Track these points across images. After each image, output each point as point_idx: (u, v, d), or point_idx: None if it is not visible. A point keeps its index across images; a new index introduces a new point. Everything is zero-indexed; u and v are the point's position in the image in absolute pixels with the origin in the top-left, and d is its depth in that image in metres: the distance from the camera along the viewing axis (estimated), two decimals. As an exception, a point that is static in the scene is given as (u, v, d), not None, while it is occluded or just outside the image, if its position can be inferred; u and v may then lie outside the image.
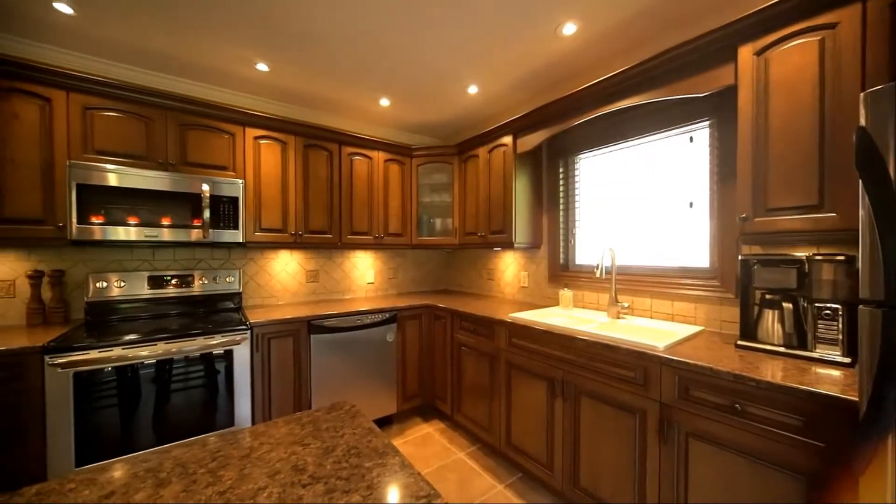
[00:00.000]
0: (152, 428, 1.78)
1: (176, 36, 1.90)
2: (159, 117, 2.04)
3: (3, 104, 1.69)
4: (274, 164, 2.40)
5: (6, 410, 1.51)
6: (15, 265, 1.96)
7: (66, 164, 1.79)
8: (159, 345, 1.78)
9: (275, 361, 2.16)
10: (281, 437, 0.77)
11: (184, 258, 2.41)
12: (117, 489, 0.60)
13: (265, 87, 2.47)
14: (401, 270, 3.42)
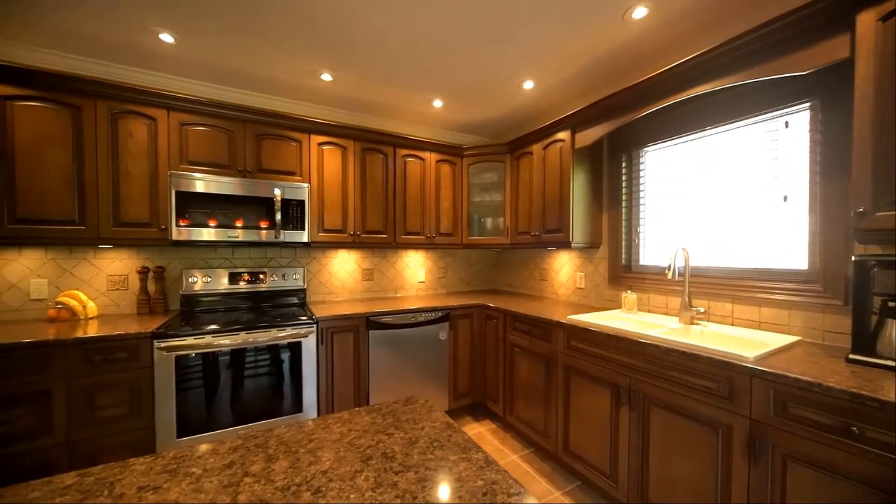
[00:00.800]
0: (234, 408, 1.97)
1: (256, 55, 2.09)
2: (239, 129, 2.25)
3: (121, 124, 1.97)
4: (335, 169, 2.55)
5: (126, 385, 1.76)
6: (128, 262, 2.28)
7: (168, 174, 2.05)
8: (241, 334, 1.97)
9: (337, 354, 2.29)
10: (366, 426, 0.81)
11: (257, 256, 2.64)
12: (236, 460, 0.67)
13: (328, 96, 2.62)
14: (450, 270, 3.45)
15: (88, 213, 1.93)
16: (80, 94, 1.89)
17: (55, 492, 0.59)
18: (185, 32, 1.87)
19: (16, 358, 1.58)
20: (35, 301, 2.09)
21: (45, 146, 1.84)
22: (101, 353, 1.72)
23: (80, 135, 1.90)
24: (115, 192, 1.98)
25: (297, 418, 2.13)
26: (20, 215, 1.80)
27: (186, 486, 0.60)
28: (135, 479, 0.62)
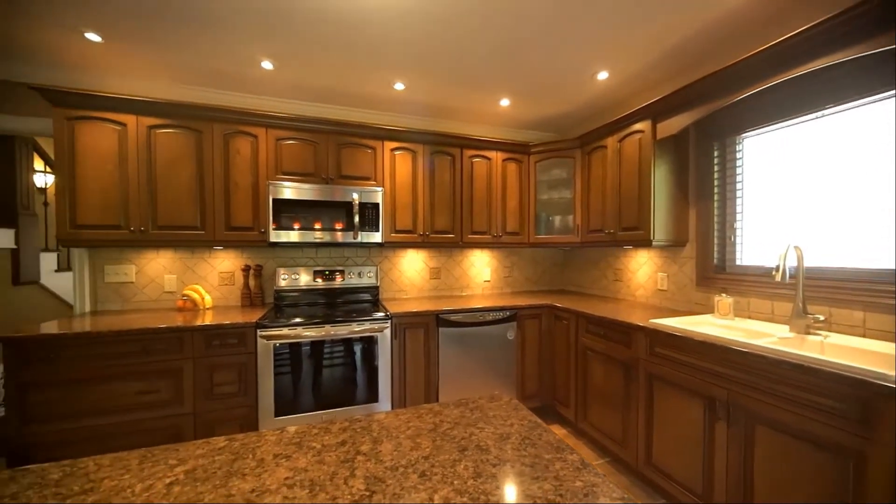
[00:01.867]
0: (319, 394, 2.18)
1: (342, 73, 2.28)
2: (323, 141, 2.48)
3: (231, 143, 2.30)
4: (406, 172, 2.67)
5: (236, 367, 2.04)
6: (234, 261, 2.64)
7: (266, 184, 2.33)
8: (325, 327, 2.17)
9: (409, 349, 2.40)
10: (456, 418, 0.85)
11: (336, 256, 2.88)
12: (347, 440, 0.75)
13: (401, 103, 2.76)
14: (516, 269, 3.41)
15: (207, 220, 2.28)
16: (201, 119, 2.24)
17: (214, 451, 0.71)
18: (282, 59, 2.12)
19: (160, 340, 1.93)
20: (167, 293, 2.52)
21: (176, 165, 2.21)
22: (218, 338, 2.02)
23: (200, 153, 2.25)
24: (226, 201, 2.30)
25: (373, 408, 2.28)
26: (161, 223, 2.20)
27: (311, 458, 0.69)
28: (270, 448, 0.73)
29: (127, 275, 2.44)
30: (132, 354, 1.88)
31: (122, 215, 2.14)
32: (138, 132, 2.14)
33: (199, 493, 0.59)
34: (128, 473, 0.64)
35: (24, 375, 1.75)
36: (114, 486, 0.61)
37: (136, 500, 0.57)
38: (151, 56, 2.12)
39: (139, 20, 1.79)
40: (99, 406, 1.84)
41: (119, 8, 1.70)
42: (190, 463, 0.67)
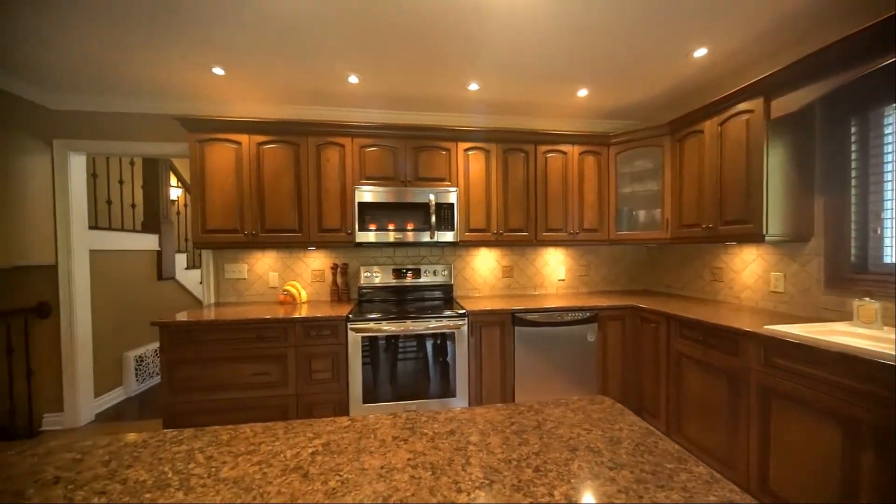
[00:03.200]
0: (400, 385, 2.30)
1: (421, 79, 2.39)
2: (401, 146, 2.61)
3: (322, 153, 2.54)
4: (479, 171, 2.70)
5: (330, 356, 2.26)
6: (324, 260, 2.92)
7: (352, 189, 2.54)
8: (406, 322, 2.29)
9: (485, 347, 2.42)
10: (559, 418, 0.84)
11: (413, 255, 3.02)
12: (455, 430, 0.79)
13: (474, 103, 2.79)
14: (592, 268, 3.23)
15: (303, 223, 2.55)
16: (298, 134, 2.51)
17: (341, 429, 0.80)
18: (367, 73, 2.29)
19: (269, 329, 2.21)
20: (272, 288, 2.88)
21: (279, 175, 2.52)
22: (315, 329, 2.25)
23: (297, 164, 2.53)
24: (319, 205, 2.55)
25: (450, 402, 2.34)
26: (267, 227, 2.52)
27: (426, 443, 0.74)
28: (388, 430, 0.79)
29: (241, 272, 2.84)
30: (249, 340, 2.19)
31: (239, 221, 2.49)
32: (250, 149, 2.48)
33: (338, 464, 0.67)
34: (277, 441, 0.75)
35: (172, 354, 2.14)
36: (270, 450, 0.72)
37: (290, 463, 0.67)
38: (260, 82, 2.44)
39: (255, 54, 2.08)
40: (225, 382, 2.18)
41: (241, 46, 1.99)
42: (324, 437, 0.77)
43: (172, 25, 1.81)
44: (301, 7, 1.68)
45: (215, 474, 0.64)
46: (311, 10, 1.70)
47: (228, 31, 1.86)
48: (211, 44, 1.98)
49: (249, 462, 0.68)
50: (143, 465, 0.67)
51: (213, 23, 1.80)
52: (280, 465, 0.67)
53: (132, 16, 1.73)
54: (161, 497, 0.58)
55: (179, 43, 1.97)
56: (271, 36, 1.91)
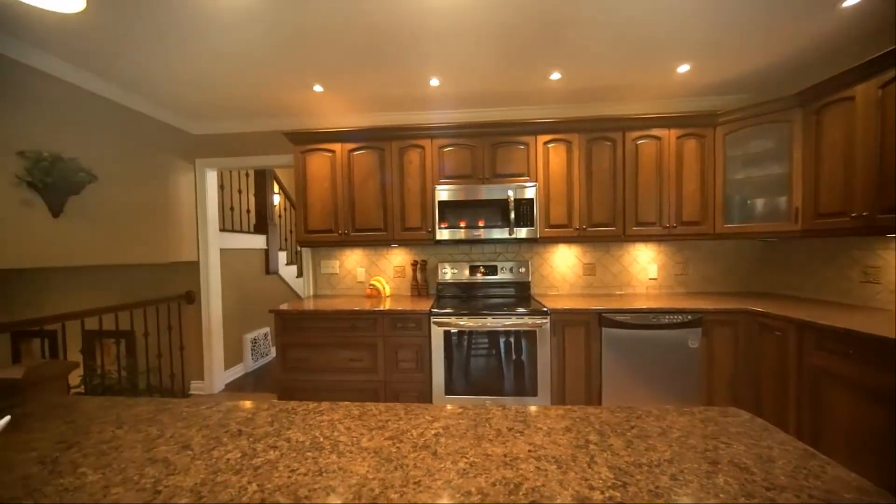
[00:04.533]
0: (479, 380, 2.33)
1: (501, 74, 2.38)
2: (479, 143, 2.63)
3: (404, 155, 2.68)
4: (560, 164, 2.59)
5: (414, 347, 2.38)
6: (405, 257, 3.09)
7: (432, 188, 2.63)
8: (487, 318, 2.31)
9: (568, 347, 2.33)
10: (686, 427, 0.78)
11: (489, 252, 3.02)
12: (571, 427, 0.78)
13: (555, 93, 2.69)
14: (692, 265, 2.89)
15: (388, 222, 2.73)
16: (383, 139, 2.69)
17: (454, 415, 0.84)
18: (448, 74, 2.36)
19: (361, 320, 2.41)
20: (359, 283, 3.13)
21: (366, 179, 2.72)
22: (401, 322, 2.39)
23: (382, 167, 2.71)
24: (401, 205, 2.70)
25: (530, 401, 2.30)
26: (357, 226, 2.74)
27: (543, 437, 0.74)
28: (500, 421, 0.81)
29: (334, 268, 3.14)
30: (345, 329, 2.42)
31: (333, 221, 2.75)
32: (342, 156, 2.72)
33: (462, 447, 0.71)
34: (401, 420, 0.82)
35: (283, 338, 2.46)
36: (397, 428, 0.79)
37: (417, 441, 0.73)
38: (352, 94, 2.67)
39: (349, 69, 2.28)
40: (325, 366, 2.44)
41: (339, 64, 2.20)
42: (442, 421, 0.82)
43: (286, 54, 2.07)
44: (390, 21, 1.79)
45: (357, 443, 0.73)
46: (400, 22, 1.80)
47: (330, 52, 2.07)
48: (315, 65, 2.22)
49: (382, 436, 0.75)
50: (298, 428, 0.79)
51: (317, 48, 2.02)
52: (410, 442, 0.73)
53: (258, 53, 2.02)
54: (320, 457, 0.68)
55: (290, 69, 2.24)
56: (363, 50, 2.07)
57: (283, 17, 1.76)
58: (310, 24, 1.82)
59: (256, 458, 0.68)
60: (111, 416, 0.88)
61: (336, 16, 1.75)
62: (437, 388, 2.36)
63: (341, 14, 1.74)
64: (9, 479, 0.63)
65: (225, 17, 1.74)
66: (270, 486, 0.60)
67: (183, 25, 1.81)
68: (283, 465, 0.66)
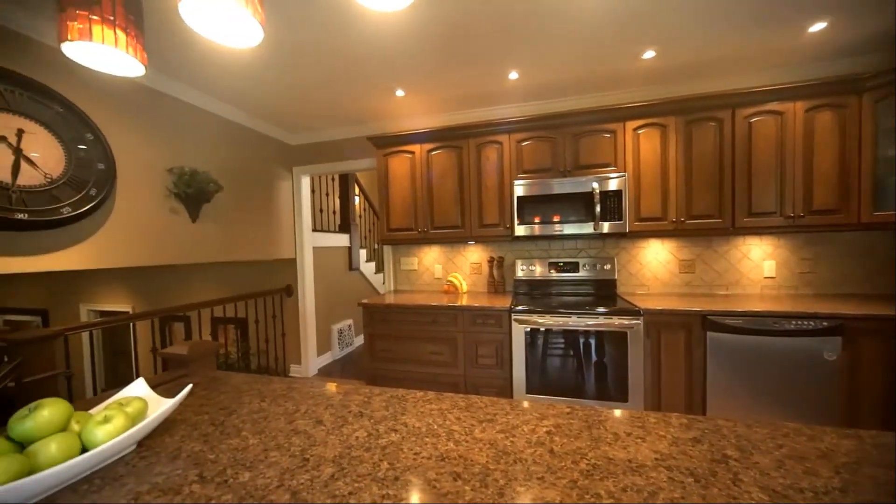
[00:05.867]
0: (562, 381, 2.23)
1: (584, 61, 2.26)
2: (559, 135, 2.52)
3: (482, 152, 2.68)
4: (652, 152, 2.36)
5: (493, 343, 2.38)
6: (482, 254, 3.10)
7: (510, 183, 2.60)
8: (571, 317, 2.21)
9: (665, 352, 2.12)
10: (853, 451, 0.65)
11: (570, 248, 2.89)
12: (699, 437, 0.71)
13: (647, 73, 2.45)
14: (822, 262, 2.42)
15: (465, 219, 2.76)
16: (460, 137, 2.72)
17: (562, 414, 0.82)
18: (527, 66, 2.30)
19: (442, 314, 2.48)
20: (436, 279, 3.23)
21: (444, 177, 2.78)
22: (481, 318, 2.41)
23: (460, 166, 2.74)
24: (479, 202, 2.71)
25: (614, 405, 2.14)
26: (435, 224, 2.83)
27: (669, 446, 0.68)
28: (616, 424, 0.77)
29: (413, 265, 3.28)
30: (427, 323, 2.51)
31: (413, 220, 2.88)
32: (421, 156, 2.82)
33: (578, 448, 0.69)
34: (508, 415, 0.83)
35: (371, 329, 2.65)
36: (506, 422, 0.79)
37: (531, 437, 0.73)
38: (431, 96, 2.75)
39: (429, 72, 2.35)
40: (409, 357, 2.57)
41: (421, 68, 2.28)
42: (551, 419, 0.80)
43: (372, 64, 2.22)
44: (470, 21, 1.80)
45: (470, 433, 0.75)
46: (480, 21, 1.80)
47: (411, 58, 2.16)
48: (396, 71, 2.33)
49: (493, 429, 0.76)
50: (411, 414, 0.84)
51: (396, 57, 2.12)
52: (523, 438, 0.73)
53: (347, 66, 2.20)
54: (437, 443, 0.72)
55: (376, 77, 2.39)
56: (443, 53, 2.11)
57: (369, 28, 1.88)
58: (395, 32, 1.91)
59: (381, 438, 0.74)
60: (254, 390, 1.03)
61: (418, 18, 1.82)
62: (517, 385, 2.34)
63: (422, 17, 1.80)
64: (196, 434, 0.78)
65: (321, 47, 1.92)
66: (400, 466, 0.65)
67: (285, 59, 2.04)
68: (406, 447, 0.71)
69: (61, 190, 1.80)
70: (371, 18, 1.78)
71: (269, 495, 0.58)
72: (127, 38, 0.68)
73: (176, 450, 0.72)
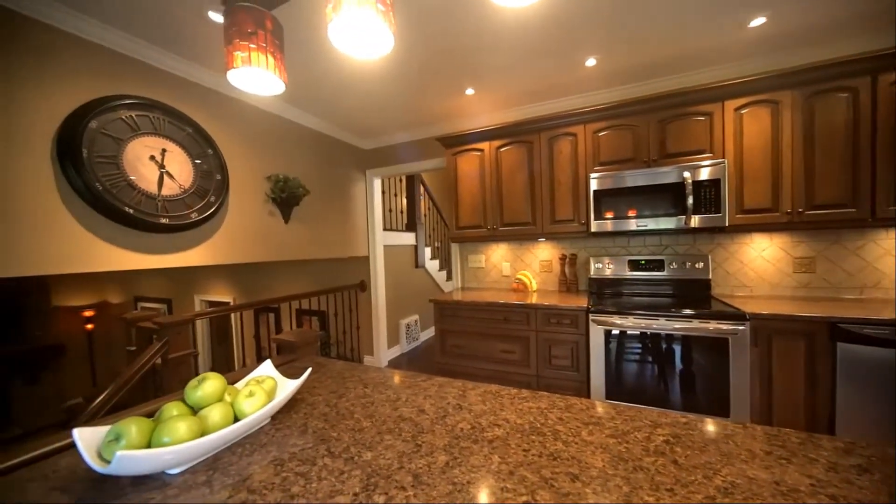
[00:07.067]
0: (649, 388, 2.06)
1: (672, 38, 2.06)
2: (642, 122, 2.32)
3: (554, 146, 2.59)
4: (759, 133, 2.06)
5: (568, 344, 2.29)
6: (552, 251, 2.99)
7: (585, 177, 2.46)
8: (660, 320, 2.03)
9: (778, 363, 1.84)
10: None
11: (652, 244, 2.65)
12: (868, 466, 0.60)
13: (749, 45, 2.15)
14: None
15: (536, 216, 2.68)
16: (531, 132, 2.66)
17: (678, 423, 0.76)
18: (607, 51, 2.16)
19: (514, 313, 2.45)
20: (504, 276, 3.19)
21: (514, 173, 2.74)
22: (555, 317, 2.33)
23: (531, 161, 2.68)
24: (551, 198, 2.62)
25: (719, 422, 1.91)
26: (505, 221, 2.79)
27: (826, 472, 0.59)
28: (747, 441, 0.69)
29: (480, 262, 3.29)
30: (498, 321, 2.50)
31: (482, 217, 2.88)
32: (490, 153, 2.81)
33: (707, 462, 0.63)
34: (614, 420, 0.79)
35: (442, 324, 2.71)
36: (615, 427, 0.75)
37: (647, 445, 0.68)
38: (501, 92, 2.72)
39: (500, 68, 2.33)
40: (479, 354, 2.58)
41: (489, 66, 2.27)
42: (666, 429, 0.74)
43: (443, 65, 2.26)
44: (550, 11, 1.73)
45: (577, 434, 0.73)
46: (560, 8, 1.73)
47: (489, 54, 2.15)
48: (469, 69, 2.35)
49: (601, 433, 0.73)
50: (510, 410, 0.84)
51: (471, 54, 2.13)
52: (638, 445, 0.68)
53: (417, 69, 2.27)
54: (545, 441, 0.71)
55: (448, 77, 2.44)
56: (520, 46, 2.07)
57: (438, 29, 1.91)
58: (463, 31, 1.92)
59: (485, 432, 0.76)
60: (354, 376, 1.12)
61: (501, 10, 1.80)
62: (595, 389, 2.22)
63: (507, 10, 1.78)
64: (316, 413, 0.87)
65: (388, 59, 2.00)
66: (512, 462, 0.65)
67: (367, 79, 2.17)
68: (513, 443, 0.71)
69: (191, 198, 2.13)
70: (480, 14, 1.79)
71: (393, 475, 0.62)
72: (275, 62, 0.78)
73: (303, 426, 0.81)
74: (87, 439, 0.63)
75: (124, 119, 1.87)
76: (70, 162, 1.67)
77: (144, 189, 1.93)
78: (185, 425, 0.66)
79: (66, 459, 0.70)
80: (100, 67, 1.85)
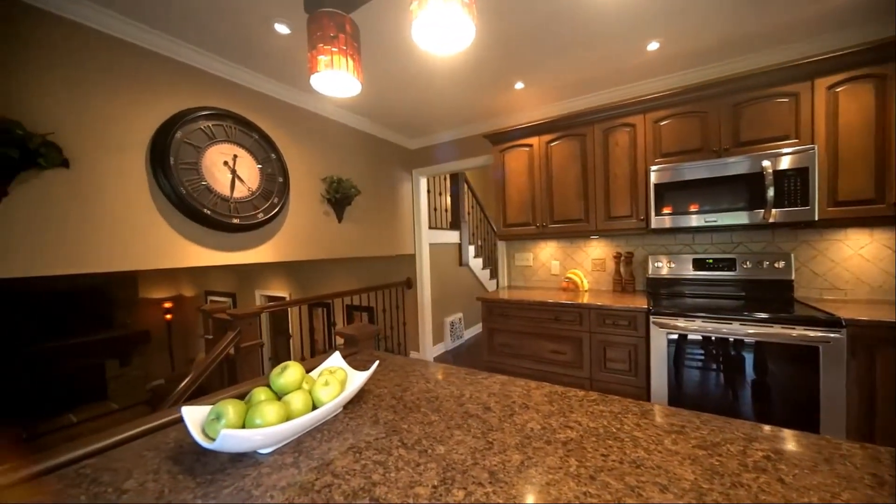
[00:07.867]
0: (723, 399, 1.88)
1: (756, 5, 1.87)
2: (712, 108, 2.13)
3: (610, 138, 2.46)
4: (859, 113, 1.81)
5: (626, 347, 2.16)
6: (606, 249, 2.85)
7: (645, 170, 2.31)
8: (734, 324, 1.85)
9: (881, 377, 1.61)
10: None
11: (720, 241, 2.43)
12: None
13: (841, 15, 1.89)
14: None
15: (589, 212, 2.57)
16: (584, 125, 2.54)
17: (780, 438, 0.68)
18: (670, 36, 2.01)
19: (566, 312, 2.37)
20: (553, 275, 3.10)
21: (565, 168, 2.64)
22: (611, 318, 2.22)
23: (584, 154, 2.56)
24: (606, 193, 2.49)
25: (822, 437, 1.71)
26: (555, 218, 2.70)
27: None
28: (868, 463, 0.61)
29: (528, 260, 3.22)
30: (548, 321, 2.43)
31: (531, 214, 2.81)
32: (540, 148, 2.73)
33: (822, 484, 0.56)
34: (700, 429, 0.73)
35: (490, 323, 2.69)
36: (701, 437, 0.70)
37: (743, 460, 0.62)
38: (552, 84, 2.64)
39: (548, 66, 2.26)
40: (528, 353, 2.53)
41: (545, 53, 2.21)
42: (764, 443, 0.67)
43: (490, 60, 2.23)
44: None
45: (659, 442, 0.68)
46: None
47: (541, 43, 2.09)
48: (524, 61, 2.30)
49: (687, 442, 0.68)
50: (580, 413, 0.81)
51: (520, 45, 2.08)
52: (733, 459, 0.63)
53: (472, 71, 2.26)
54: (625, 448, 0.67)
55: (496, 71, 2.41)
56: (567, 36, 1.99)
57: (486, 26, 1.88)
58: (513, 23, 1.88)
59: (557, 433, 0.73)
60: (416, 371, 1.14)
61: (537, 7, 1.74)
62: (657, 396, 2.08)
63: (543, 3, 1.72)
64: (384, 405, 0.90)
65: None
66: (591, 466, 0.62)
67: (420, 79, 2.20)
68: (589, 446, 0.68)
69: (257, 200, 2.30)
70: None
71: (469, 471, 0.62)
72: (354, 64, 0.82)
73: (374, 416, 0.84)
74: (192, 417, 0.70)
75: (203, 129, 2.06)
76: (160, 168, 1.87)
77: (219, 192, 2.12)
78: (274, 409, 0.71)
79: (174, 433, 0.79)
80: (182, 83, 2.06)
